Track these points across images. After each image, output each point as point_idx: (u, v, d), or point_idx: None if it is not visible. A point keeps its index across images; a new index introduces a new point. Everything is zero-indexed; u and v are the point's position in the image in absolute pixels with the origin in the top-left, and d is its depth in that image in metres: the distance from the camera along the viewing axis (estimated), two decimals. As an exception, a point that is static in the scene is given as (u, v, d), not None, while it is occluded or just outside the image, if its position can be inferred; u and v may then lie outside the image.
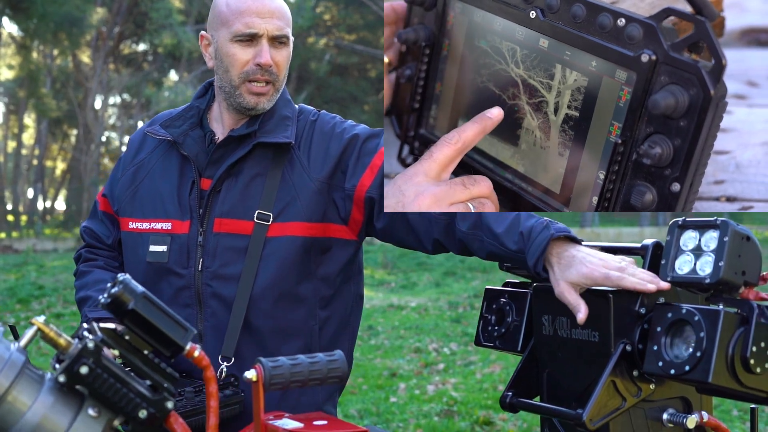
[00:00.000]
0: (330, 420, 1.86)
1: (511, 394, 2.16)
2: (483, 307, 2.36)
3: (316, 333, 2.46)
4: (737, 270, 1.86)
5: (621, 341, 1.96)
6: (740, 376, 1.82)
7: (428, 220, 2.33)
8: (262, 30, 2.38)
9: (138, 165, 2.57)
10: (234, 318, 2.37)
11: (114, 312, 1.68)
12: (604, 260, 2.01)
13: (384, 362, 9.45)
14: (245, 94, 2.41)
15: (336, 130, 2.50)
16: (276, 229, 2.40)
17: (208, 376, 1.76)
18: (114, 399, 1.66)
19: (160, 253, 2.44)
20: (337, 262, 2.49)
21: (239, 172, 2.44)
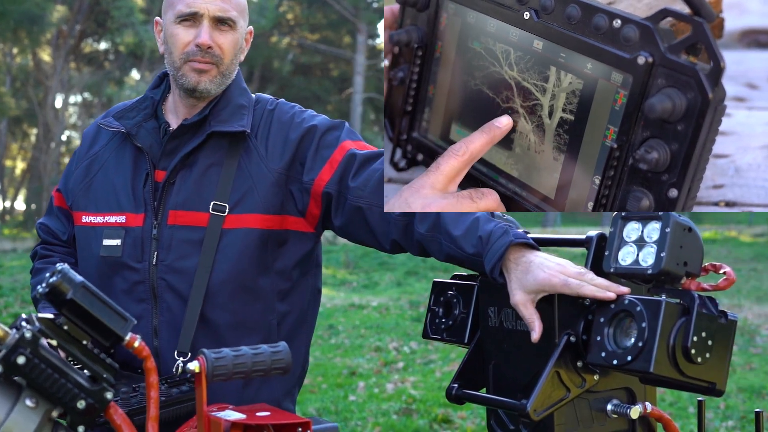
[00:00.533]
0: (273, 411, 1.86)
1: (457, 386, 2.16)
2: (431, 299, 2.36)
3: (274, 327, 2.43)
4: (679, 261, 1.87)
5: (565, 332, 1.97)
6: (681, 366, 1.83)
7: (387, 221, 2.30)
8: (202, 9, 2.34)
9: (92, 158, 2.52)
10: (190, 312, 2.33)
11: (52, 302, 1.66)
12: (563, 266, 1.99)
13: (344, 361, 9.46)
14: (187, 72, 2.37)
15: (295, 120, 2.46)
16: (232, 221, 2.36)
17: (148, 366, 1.75)
18: (52, 389, 1.64)
19: (113, 247, 2.39)
20: (294, 255, 2.45)
21: (194, 162, 2.39)
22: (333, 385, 8.31)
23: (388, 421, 6.98)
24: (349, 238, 2.44)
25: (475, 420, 6.91)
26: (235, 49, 2.41)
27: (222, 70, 2.40)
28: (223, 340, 2.33)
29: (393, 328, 11.51)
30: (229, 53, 2.39)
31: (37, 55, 35.17)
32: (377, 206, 2.31)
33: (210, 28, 2.36)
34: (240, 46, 2.44)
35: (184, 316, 2.33)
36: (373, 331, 11.33)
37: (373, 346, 10.27)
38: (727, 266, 1.91)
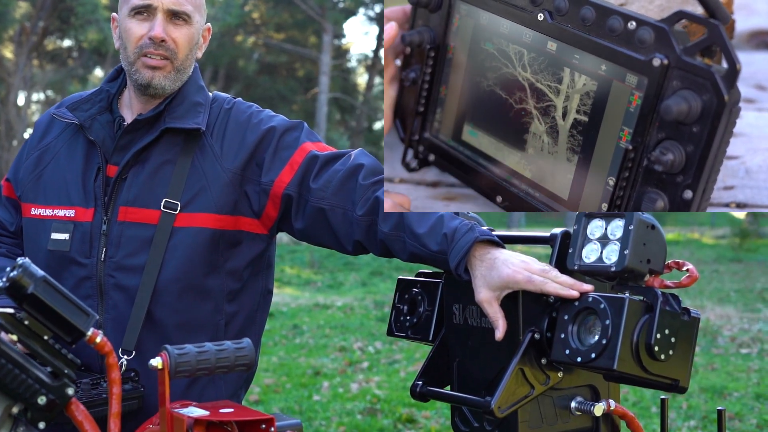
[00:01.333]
0: (236, 407, 1.84)
1: (422, 383, 2.16)
2: (395, 297, 2.36)
3: (221, 328, 2.39)
4: (642, 258, 1.88)
5: (529, 329, 1.97)
6: (645, 363, 1.83)
7: (350, 222, 2.28)
8: (156, 2, 2.31)
9: (43, 149, 2.48)
10: (136, 310, 2.29)
11: (13, 296, 1.64)
12: (527, 263, 2.00)
13: (308, 361, 9.43)
14: (141, 68, 2.34)
15: (252, 120, 2.42)
16: (184, 219, 2.32)
17: (110, 362, 1.73)
18: (12, 385, 1.63)
19: (62, 241, 2.35)
20: (246, 256, 2.42)
21: (146, 159, 2.36)
22: (297, 385, 8.29)
23: (352, 421, 6.97)
24: (309, 240, 2.41)
25: (439, 420, 6.92)
26: (190, 44, 2.38)
27: (176, 65, 2.36)
28: (168, 340, 2.29)
29: (358, 328, 11.51)
30: (183, 48, 2.36)
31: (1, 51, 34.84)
32: (340, 207, 2.28)
33: (164, 21, 2.33)
34: (196, 41, 2.41)
35: (130, 314, 2.30)
36: (338, 330, 11.33)
37: (337, 345, 10.26)
38: (690, 264, 1.92)
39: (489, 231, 2.09)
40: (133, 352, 2.28)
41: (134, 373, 2.23)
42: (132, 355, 2.28)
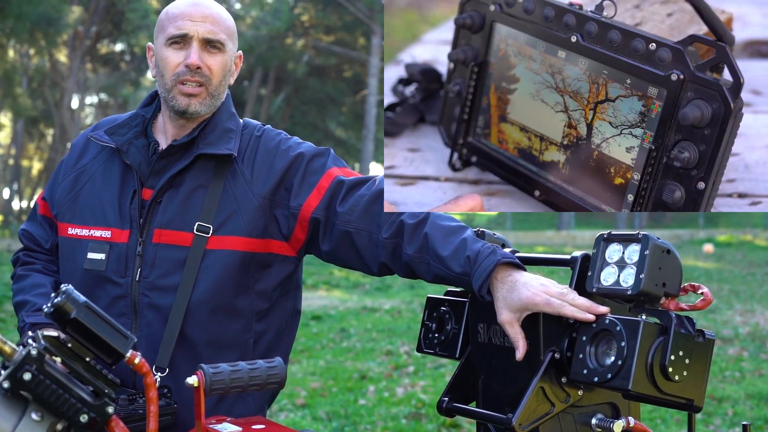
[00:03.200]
0: (268, 424, 1.94)
1: (448, 399, 2.24)
2: (425, 315, 2.43)
3: (250, 346, 2.48)
4: (658, 282, 1.95)
5: (550, 349, 2.04)
6: (659, 384, 1.90)
7: (375, 244, 2.36)
8: (192, 31, 2.41)
9: (80, 170, 2.57)
10: (170, 329, 2.37)
11: (57, 320, 1.75)
12: (546, 286, 2.07)
13: (354, 365, 9.50)
14: (177, 95, 2.42)
15: (281, 147, 2.51)
16: (215, 242, 2.40)
17: (148, 382, 1.84)
18: (56, 404, 1.73)
19: (98, 260, 2.43)
20: (275, 277, 2.50)
21: (180, 183, 2.44)
22: (343, 389, 8.35)
23: (397, 425, 7.03)
24: (336, 262, 2.49)
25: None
26: (223, 70, 2.47)
27: (211, 91, 2.45)
28: (200, 357, 2.37)
29: (404, 331, 11.55)
30: (217, 74, 2.45)
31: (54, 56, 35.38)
32: (365, 230, 2.37)
33: (199, 49, 2.42)
34: (229, 68, 2.50)
35: (164, 333, 2.38)
36: (385, 334, 11.38)
37: (384, 349, 10.31)
38: (705, 287, 1.98)
39: (511, 254, 2.16)
40: (167, 369, 2.36)
41: (167, 390, 2.31)
42: (165, 372, 2.36)
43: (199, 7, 2.44)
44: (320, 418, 7.30)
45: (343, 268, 2.54)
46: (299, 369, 9.35)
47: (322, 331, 11.71)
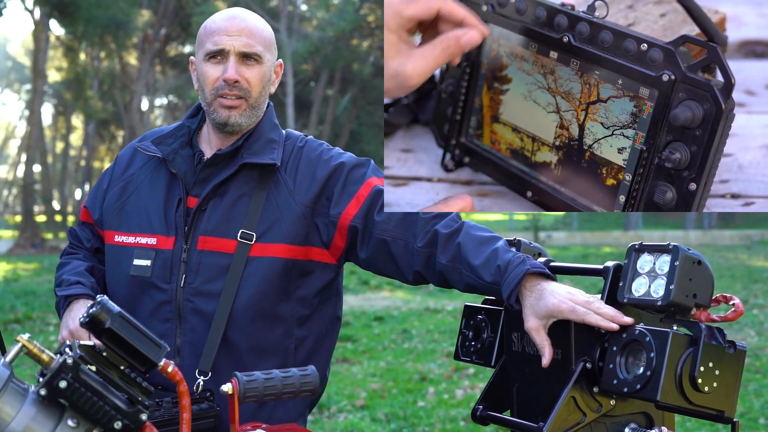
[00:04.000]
0: (298, 431, 1.97)
1: (482, 407, 2.26)
2: (462, 322, 2.46)
3: (291, 351, 2.53)
4: (688, 293, 1.95)
5: (581, 359, 2.05)
6: (689, 395, 1.90)
7: (410, 253, 2.41)
8: (228, 46, 2.47)
9: (127, 180, 2.64)
10: (213, 334, 2.43)
11: (92, 330, 1.80)
12: (572, 294, 2.11)
13: (415, 366, 9.52)
14: (218, 108, 2.49)
15: (323, 157, 2.57)
16: (258, 249, 2.46)
17: (181, 390, 1.88)
18: (91, 411, 1.78)
19: (143, 267, 2.50)
20: (316, 284, 2.55)
21: (225, 191, 2.50)
22: (403, 390, 8.39)
23: (455, 428, 7.05)
24: (373, 269, 2.54)
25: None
26: (262, 82, 2.52)
27: (251, 103, 2.51)
28: (242, 362, 2.44)
29: (466, 332, 11.52)
30: (256, 86, 2.50)
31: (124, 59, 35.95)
32: (401, 239, 2.42)
33: (236, 63, 2.47)
34: (268, 78, 2.55)
35: (207, 337, 2.44)
36: (447, 335, 11.37)
37: (445, 351, 10.31)
38: (737, 298, 1.98)
39: (540, 263, 2.19)
40: (210, 373, 2.42)
41: (210, 393, 2.36)
42: (208, 376, 2.42)
43: (235, 21, 2.49)
44: (379, 420, 7.34)
45: (379, 275, 2.57)
46: (360, 370, 9.40)
47: (384, 332, 11.75)
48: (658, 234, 30.51)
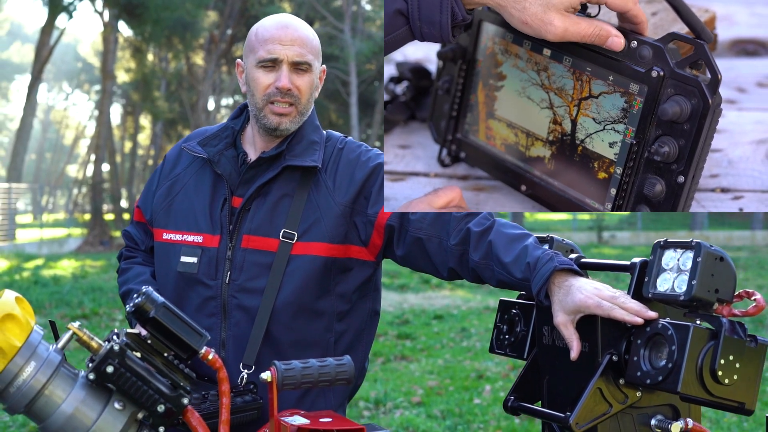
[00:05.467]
0: (335, 417, 2.07)
1: (513, 398, 2.33)
2: (497, 317, 2.53)
3: (331, 345, 2.62)
4: (710, 288, 2.01)
5: (608, 352, 2.12)
6: (709, 387, 1.96)
7: (444, 251, 2.50)
8: (282, 55, 2.54)
9: (174, 179, 2.73)
10: (256, 328, 2.53)
11: (138, 319, 1.93)
12: (599, 290, 2.17)
13: (473, 364, 9.58)
14: (269, 114, 2.57)
15: (361, 158, 2.66)
16: (300, 248, 2.55)
17: (221, 377, 2.00)
18: (136, 395, 1.90)
19: (190, 263, 2.60)
20: (355, 280, 2.64)
21: (268, 192, 2.59)
22: (460, 388, 8.45)
23: (510, 425, 7.09)
24: (409, 266, 2.63)
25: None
26: (310, 89, 2.60)
27: (300, 109, 2.60)
28: (284, 355, 2.51)
29: (525, 332, 11.53)
30: (306, 93, 2.59)
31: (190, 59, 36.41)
32: (436, 237, 2.51)
33: (289, 71, 2.55)
34: (315, 85, 2.63)
35: (251, 332, 2.53)
36: (505, 334, 11.37)
37: (503, 349, 10.32)
38: (758, 294, 2.03)
39: (569, 260, 2.26)
40: (253, 366, 2.52)
41: (253, 386, 2.46)
42: (252, 370, 2.52)
43: (288, 30, 2.56)
44: (434, 416, 7.42)
45: (416, 271, 2.66)
46: (417, 367, 9.49)
47: (442, 331, 11.82)
48: (723, 234, 30.15)
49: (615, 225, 35.60)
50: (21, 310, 1.88)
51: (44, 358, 1.89)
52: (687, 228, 33.51)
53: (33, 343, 1.88)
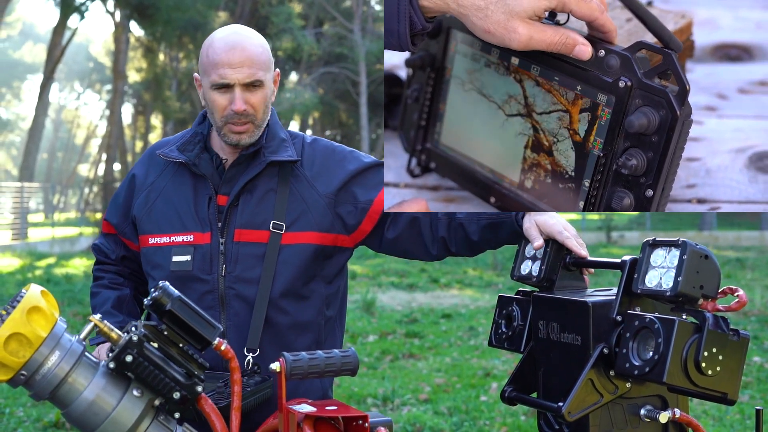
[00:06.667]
0: (339, 405, 2.19)
1: (511, 389, 2.45)
2: (496, 312, 2.64)
3: (323, 327, 2.80)
4: (695, 284, 2.11)
5: (599, 344, 2.23)
6: (693, 378, 2.06)
7: (435, 224, 2.75)
8: (233, 80, 2.63)
9: (149, 188, 2.86)
10: (256, 315, 2.68)
11: (154, 311, 2.06)
12: (566, 223, 2.47)
13: (480, 362, 9.65)
14: (228, 133, 2.69)
15: (342, 151, 2.88)
16: (289, 238, 2.72)
17: (233, 366, 2.13)
18: (153, 383, 2.03)
19: (184, 262, 2.73)
20: (336, 266, 2.84)
21: (254, 188, 2.74)
22: (466, 386, 8.52)
23: (515, 422, 7.16)
24: (394, 250, 2.85)
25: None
26: (265, 101, 2.71)
27: (257, 123, 2.71)
28: (284, 338, 2.72)
29: (532, 330, 11.58)
30: (260, 108, 2.69)
31: (202, 60, 36.40)
32: (427, 216, 2.75)
33: (242, 92, 2.65)
34: (269, 96, 2.74)
35: (251, 319, 2.68)
36: (512, 333, 11.43)
37: (510, 347, 10.38)
38: (741, 290, 2.14)
39: None
40: (258, 350, 2.67)
41: (257, 367, 2.62)
42: (257, 353, 2.67)
43: (235, 53, 2.64)
44: (441, 413, 7.50)
45: (398, 256, 2.88)
46: (425, 365, 9.57)
47: (450, 329, 11.89)
48: (733, 234, 30.12)
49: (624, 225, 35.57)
50: (46, 302, 2.00)
51: (67, 348, 2.02)
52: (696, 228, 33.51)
53: (57, 333, 2.01)
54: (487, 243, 2.73)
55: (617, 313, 2.23)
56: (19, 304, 1.95)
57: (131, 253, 2.94)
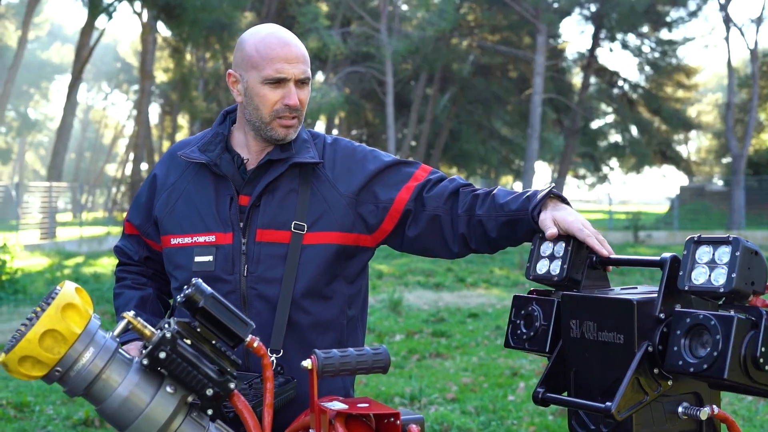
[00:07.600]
0: (371, 403, 2.17)
1: (543, 390, 2.42)
2: (512, 313, 2.59)
3: (345, 327, 2.80)
4: (747, 280, 2.10)
5: (644, 343, 2.21)
6: (751, 373, 2.04)
7: (455, 221, 2.74)
8: (290, 75, 2.68)
9: (171, 188, 2.87)
10: (279, 315, 2.67)
11: (188, 309, 2.04)
12: (584, 220, 2.48)
13: (507, 362, 9.64)
14: (277, 128, 2.71)
15: (363, 151, 2.87)
16: (310, 238, 2.71)
17: (265, 363, 2.11)
18: (186, 379, 2.02)
19: (206, 262, 2.73)
20: (358, 265, 2.83)
21: (275, 188, 2.74)
22: (494, 385, 8.52)
23: (543, 422, 7.14)
24: (415, 248, 2.83)
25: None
26: (308, 97, 2.78)
27: (301, 119, 2.77)
28: (307, 339, 2.71)
29: (559, 330, 11.56)
30: (306, 104, 2.76)
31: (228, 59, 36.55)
32: (449, 215, 2.74)
33: (295, 89, 2.70)
34: None
35: (274, 319, 2.68)
36: (540, 332, 11.40)
37: (538, 347, 10.36)
38: None
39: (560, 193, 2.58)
40: (281, 351, 2.66)
41: (281, 368, 2.61)
42: (280, 354, 2.66)
43: (291, 49, 2.69)
44: (469, 412, 7.50)
45: (420, 254, 2.87)
46: (452, 365, 9.57)
47: (477, 329, 11.89)
48: (761, 234, 29.97)
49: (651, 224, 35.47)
50: (80, 299, 1.99)
51: (102, 344, 2.01)
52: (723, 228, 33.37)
53: (91, 330, 2.00)
54: (506, 240, 2.71)
55: (660, 310, 2.21)
56: (54, 301, 1.95)
57: (154, 254, 2.94)
